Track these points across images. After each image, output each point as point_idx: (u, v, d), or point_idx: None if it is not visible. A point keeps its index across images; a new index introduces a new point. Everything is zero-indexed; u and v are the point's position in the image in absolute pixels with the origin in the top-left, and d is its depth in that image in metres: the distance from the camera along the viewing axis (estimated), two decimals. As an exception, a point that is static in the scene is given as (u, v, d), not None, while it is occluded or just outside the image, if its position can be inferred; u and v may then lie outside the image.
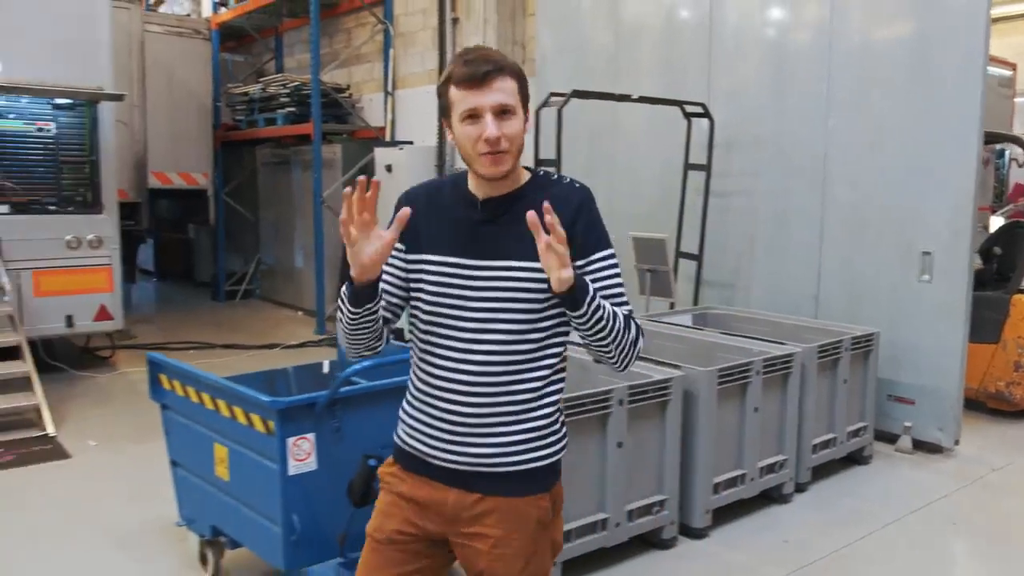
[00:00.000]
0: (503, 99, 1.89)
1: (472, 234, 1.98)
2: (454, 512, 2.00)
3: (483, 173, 1.94)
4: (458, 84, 1.90)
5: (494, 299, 1.95)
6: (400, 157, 8.93)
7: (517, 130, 1.93)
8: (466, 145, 1.92)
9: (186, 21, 11.45)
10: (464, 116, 1.91)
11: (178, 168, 10.92)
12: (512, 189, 2.00)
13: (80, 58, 7.16)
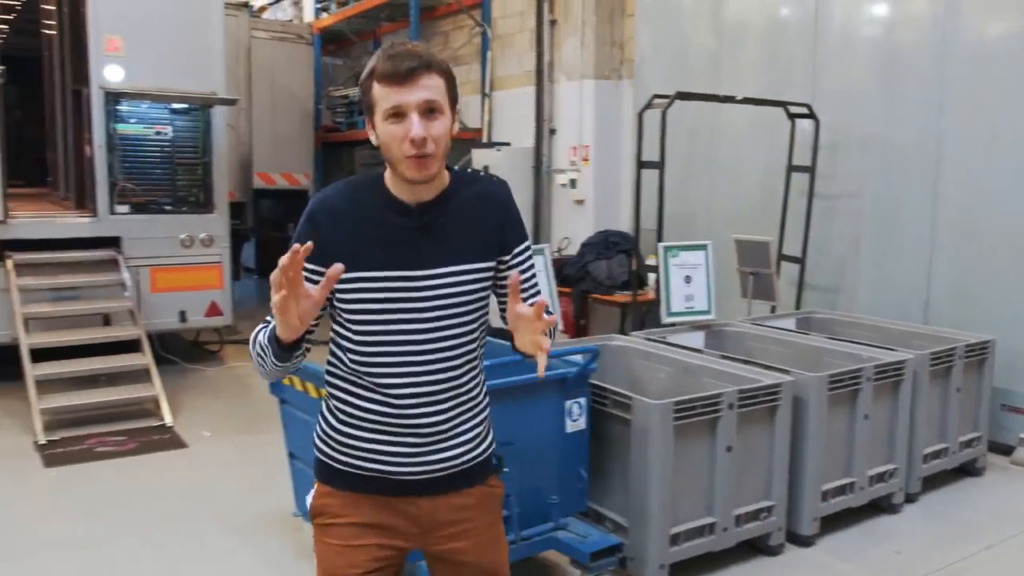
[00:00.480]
0: (429, 96, 1.79)
1: (411, 243, 1.90)
2: (431, 519, 1.99)
3: (409, 177, 1.84)
4: (381, 80, 1.79)
5: (446, 305, 1.91)
6: (497, 158, 9.03)
7: (444, 130, 1.83)
8: (391, 146, 1.82)
9: (289, 26, 11.82)
10: (388, 114, 1.80)
11: (281, 169, 11.28)
12: (441, 191, 1.93)
13: (195, 65, 7.45)
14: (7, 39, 14.66)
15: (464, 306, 1.93)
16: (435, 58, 1.83)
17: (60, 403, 6.03)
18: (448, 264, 1.91)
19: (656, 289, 6.14)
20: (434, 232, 1.91)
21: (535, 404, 3.47)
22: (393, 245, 1.89)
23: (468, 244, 1.91)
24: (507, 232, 1.98)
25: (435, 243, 1.91)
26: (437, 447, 1.95)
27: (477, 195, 1.96)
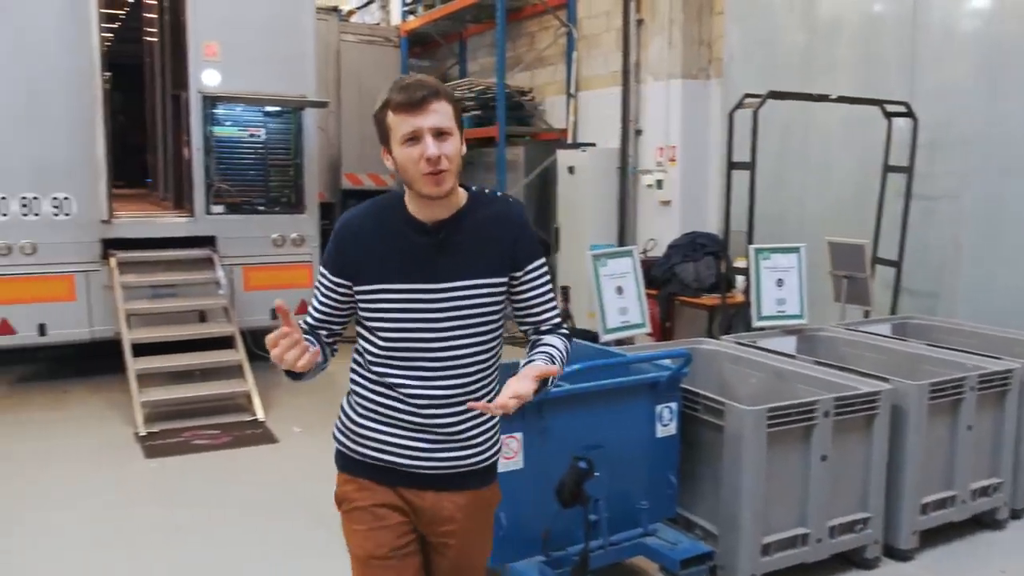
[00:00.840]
0: (439, 121, 1.98)
1: (428, 259, 2.07)
2: (432, 512, 2.16)
3: (427, 193, 2.01)
4: (396, 110, 1.98)
5: (461, 316, 2.07)
6: (582, 159, 9.00)
7: (455, 150, 2.00)
8: (408, 167, 1.99)
9: (377, 30, 11.99)
10: (405, 139, 1.98)
11: (367, 170, 11.46)
12: (456, 210, 2.10)
13: (288, 69, 7.63)
14: (112, 47, 15.28)
15: (477, 318, 2.09)
16: (442, 87, 2.03)
17: (159, 396, 6.26)
18: (462, 278, 2.07)
19: (745, 292, 6.03)
20: (450, 248, 2.08)
21: (625, 408, 3.44)
22: (411, 260, 2.07)
23: (482, 260, 2.07)
24: (519, 250, 2.13)
25: (450, 258, 2.07)
26: (448, 447, 2.12)
27: (493, 215, 2.12)
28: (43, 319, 6.95)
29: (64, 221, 6.97)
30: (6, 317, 6.87)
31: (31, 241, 6.87)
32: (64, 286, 7.01)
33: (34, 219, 6.90)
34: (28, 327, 6.92)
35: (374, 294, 2.08)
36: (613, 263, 4.83)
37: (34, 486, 5.08)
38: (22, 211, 6.87)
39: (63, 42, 6.81)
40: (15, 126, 6.80)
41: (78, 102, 6.79)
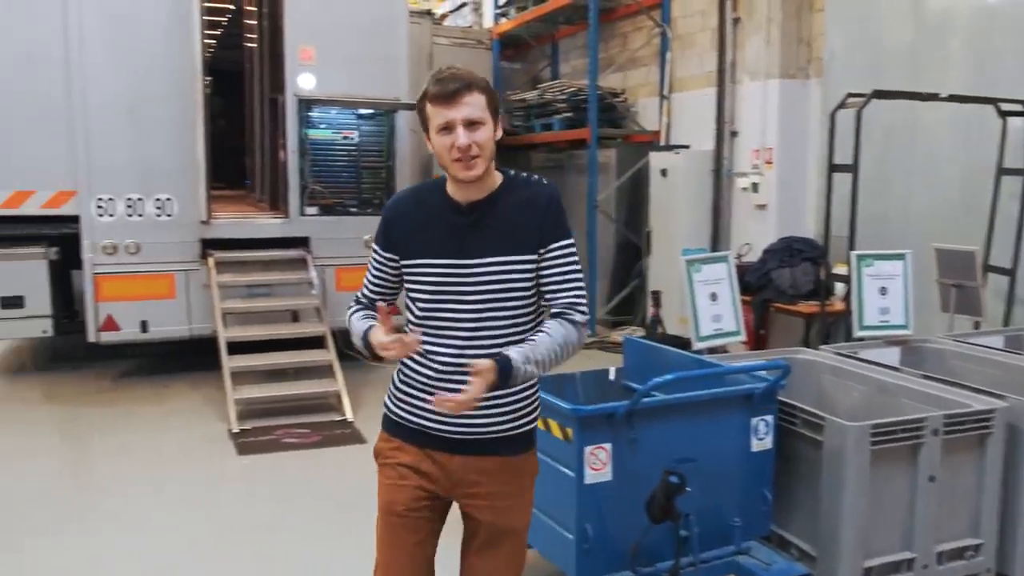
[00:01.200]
0: (471, 112, 2.16)
1: (462, 237, 2.26)
2: (459, 475, 2.32)
3: (459, 176, 2.21)
4: (432, 101, 2.19)
5: (489, 291, 2.24)
6: (676, 161, 8.82)
7: (486, 138, 2.19)
8: (442, 153, 2.21)
9: (469, 32, 12.04)
10: (439, 128, 2.19)
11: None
12: (489, 192, 2.27)
13: (381, 72, 7.71)
14: (214, 53, 15.78)
15: (506, 292, 2.25)
16: (476, 78, 2.21)
17: (252, 394, 6.39)
18: (492, 255, 2.24)
19: (845, 300, 5.78)
20: (482, 228, 2.25)
21: (719, 420, 3.32)
22: (446, 238, 2.26)
23: (511, 239, 2.24)
24: (545, 231, 2.26)
25: (482, 237, 2.25)
26: (473, 415, 2.24)
27: (524, 197, 2.28)
28: (145, 316, 7.19)
29: (166, 222, 7.19)
30: (111, 314, 7.12)
31: (135, 241, 7.12)
32: (165, 284, 7.23)
33: (138, 220, 7.14)
34: (131, 324, 7.16)
35: (415, 268, 2.29)
36: (708, 269, 4.70)
37: (129, 478, 5.25)
38: (127, 212, 7.12)
39: (167, 48, 7.03)
40: (122, 129, 7.05)
41: (180, 106, 7.01)
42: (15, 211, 7.03)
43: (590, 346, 9.10)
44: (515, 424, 2.34)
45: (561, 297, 2.28)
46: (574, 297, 2.29)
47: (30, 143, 6.94)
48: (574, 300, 2.28)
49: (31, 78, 6.89)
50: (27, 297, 7.19)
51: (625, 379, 4.23)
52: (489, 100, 2.21)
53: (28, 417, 6.51)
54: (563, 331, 2.24)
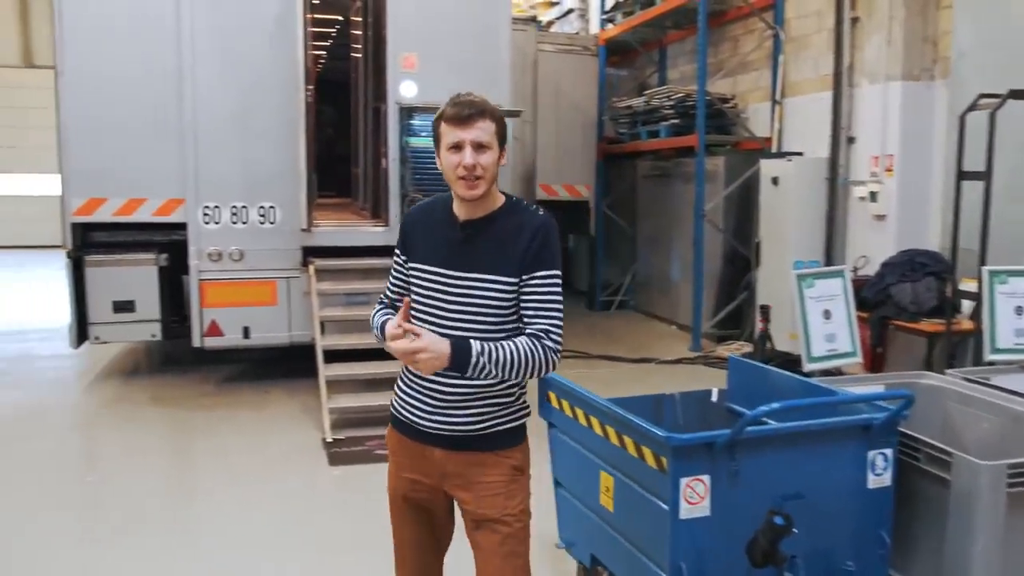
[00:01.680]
0: (480, 136, 2.35)
1: (453, 250, 2.46)
2: (441, 467, 2.54)
3: (461, 194, 2.40)
4: (447, 121, 2.39)
5: (469, 304, 2.42)
6: (788, 169, 8.42)
7: (490, 162, 2.38)
8: (448, 170, 2.39)
9: (575, 39, 11.87)
10: (449, 147, 2.37)
11: (562, 180, 11.34)
12: (487, 212, 2.46)
13: (483, 78, 7.59)
14: (324, 64, 16.10)
15: (484, 308, 2.42)
16: (489, 106, 2.40)
17: (346, 404, 6.36)
18: (477, 271, 2.42)
19: (974, 319, 5.33)
20: (473, 244, 2.44)
21: (832, 453, 3.01)
22: (441, 248, 2.48)
23: (497, 259, 2.40)
24: (528, 258, 2.41)
25: (471, 253, 2.43)
26: (448, 412, 2.49)
27: (518, 222, 2.44)
28: (247, 322, 7.29)
29: (269, 229, 7.28)
30: (215, 319, 7.24)
31: (239, 248, 7.22)
32: (267, 291, 7.31)
33: (242, 227, 7.24)
34: (234, 330, 7.27)
35: (414, 270, 2.55)
36: (821, 284, 4.39)
37: (222, 484, 5.28)
38: (232, 219, 7.23)
39: (273, 58, 7.11)
40: (229, 139, 7.17)
41: (285, 115, 7.06)
42: (128, 218, 7.24)
43: (693, 361, 8.77)
44: (490, 423, 2.54)
45: (536, 323, 2.43)
46: (549, 325, 2.43)
47: (143, 153, 7.13)
48: (548, 327, 2.42)
49: (147, 90, 7.09)
50: (138, 302, 7.39)
51: (729, 401, 3.96)
52: (498, 128, 2.42)
53: (136, 417, 6.67)
54: (529, 346, 2.39)
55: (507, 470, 2.58)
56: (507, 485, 2.57)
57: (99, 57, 7.02)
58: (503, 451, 2.57)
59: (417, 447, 2.58)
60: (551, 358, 2.43)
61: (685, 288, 10.28)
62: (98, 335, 7.38)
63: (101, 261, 7.30)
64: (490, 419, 2.54)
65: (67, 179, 7.13)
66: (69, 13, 7.01)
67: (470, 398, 2.49)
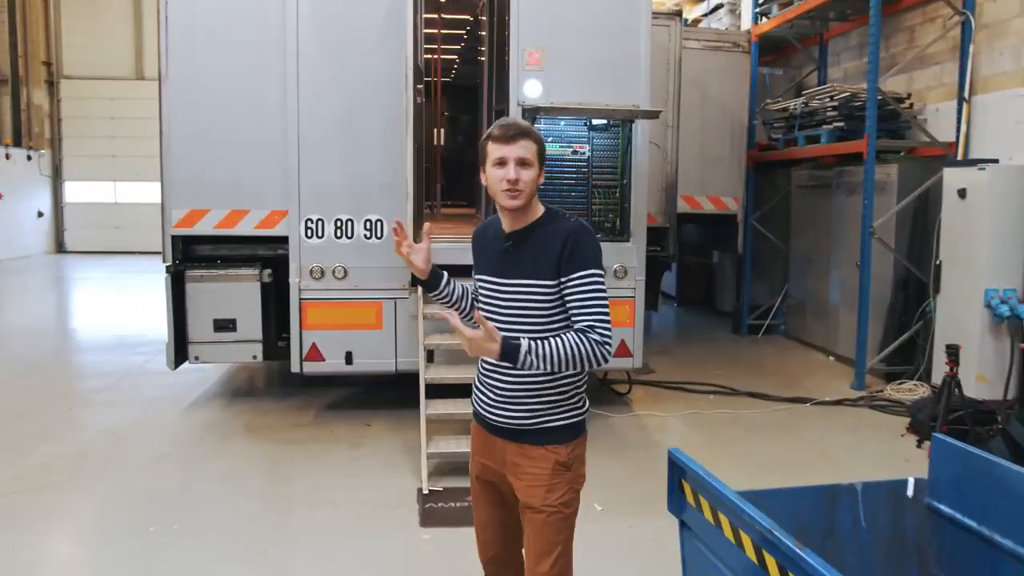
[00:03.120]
0: (523, 153, 2.67)
1: (500, 259, 2.80)
2: (501, 456, 2.85)
3: (503, 204, 2.72)
4: (493, 140, 2.69)
5: (515, 307, 2.73)
6: (979, 179, 7.08)
7: (531, 178, 2.69)
8: (494, 183, 2.71)
9: (725, 35, 10.73)
10: (495, 162, 2.69)
11: (707, 191, 10.24)
12: (527, 223, 2.76)
13: (618, 76, 6.70)
14: (458, 68, 15.55)
15: (529, 310, 2.72)
16: (532, 129, 2.75)
17: (449, 447, 5.56)
18: (520, 277, 2.73)
19: None
20: (517, 253, 2.76)
21: None
22: (492, 259, 2.84)
23: (535, 265, 2.70)
24: (564, 260, 2.66)
25: (515, 261, 2.75)
26: (504, 406, 2.80)
27: (555, 230, 2.71)
28: (350, 347, 6.65)
29: (375, 245, 6.61)
30: (316, 343, 6.64)
31: (342, 265, 6.59)
32: (371, 313, 6.65)
33: (346, 242, 6.61)
34: (336, 354, 6.64)
35: (477, 282, 2.89)
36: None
37: (299, 541, 4.56)
38: (336, 233, 6.61)
39: (382, 57, 6.46)
40: (334, 145, 6.57)
41: (394, 120, 6.36)
42: (230, 231, 6.74)
43: (856, 402, 7.53)
44: (540, 419, 2.77)
45: (581, 320, 2.63)
46: (593, 320, 2.62)
47: (246, 162, 6.64)
48: (593, 322, 2.61)
49: (250, 96, 6.59)
50: (239, 320, 6.88)
51: (932, 498, 2.90)
52: (539, 149, 2.71)
53: (222, 451, 6.10)
54: (575, 340, 2.57)
55: (551, 464, 2.76)
56: (550, 479, 2.76)
57: (203, 63, 6.57)
58: (551, 446, 2.77)
59: (486, 435, 2.89)
60: (597, 351, 2.59)
61: (847, 314, 9.01)
62: (198, 355, 6.91)
63: (202, 276, 6.83)
64: (541, 415, 2.77)
65: (168, 189, 6.69)
66: (174, 19, 6.57)
67: (524, 394, 2.76)
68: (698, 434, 6.63)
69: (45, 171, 23.88)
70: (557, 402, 2.77)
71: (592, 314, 2.61)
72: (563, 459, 2.76)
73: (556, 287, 2.66)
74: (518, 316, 2.70)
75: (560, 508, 2.75)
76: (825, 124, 8.96)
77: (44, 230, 23.84)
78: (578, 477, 2.83)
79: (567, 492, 2.78)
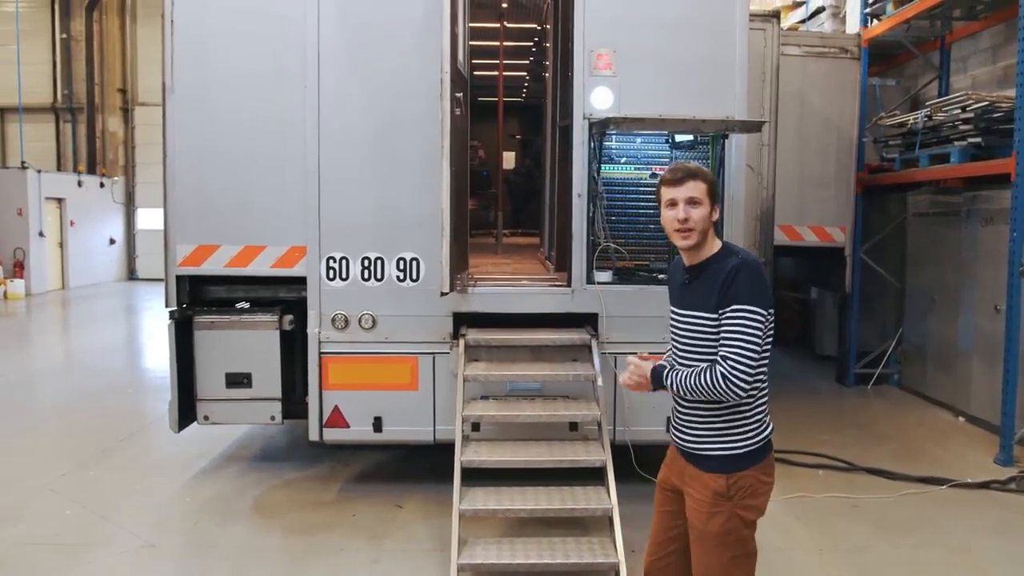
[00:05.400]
0: (692, 193, 2.89)
1: (681, 292, 3.02)
2: (680, 474, 3.05)
3: (677, 244, 2.97)
4: (664, 184, 2.98)
5: (689, 337, 2.93)
6: None
7: (701, 216, 2.90)
8: (667, 224, 2.96)
9: (830, 39, 9.33)
10: (666, 204, 2.95)
11: (808, 220, 8.85)
12: (703, 259, 2.94)
13: (708, 83, 5.49)
14: (528, 87, 14.47)
15: (698, 341, 2.90)
16: (701, 171, 2.96)
17: (488, 557, 4.31)
18: (693, 309, 2.92)
19: None
20: (694, 286, 2.95)
21: None
22: (677, 290, 3.07)
23: (705, 298, 2.86)
24: (722, 295, 2.81)
25: (691, 294, 2.94)
26: (680, 429, 3.03)
27: (723, 266, 2.86)
28: (379, 411, 5.57)
29: (409, 289, 5.50)
30: (338, 405, 5.54)
31: (371, 313, 5.49)
32: (405, 371, 5.53)
33: (375, 285, 5.52)
34: (362, 420, 5.56)
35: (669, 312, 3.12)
36: None
37: None
38: (363, 275, 5.51)
39: (420, 65, 5.35)
40: (363, 169, 5.51)
41: (431, 141, 5.20)
42: (243, 271, 5.70)
43: (1006, 485, 6.04)
44: (704, 446, 2.95)
45: (720, 351, 2.81)
46: (728, 352, 2.78)
47: (263, 187, 5.62)
48: (727, 354, 2.78)
49: (267, 112, 5.57)
50: (255, 375, 5.82)
51: None
52: (710, 188, 2.93)
53: (219, 540, 5.00)
54: (703, 373, 2.80)
55: (710, 493, 2.90)
56: (709, 507, 2.91)
57: (214, 74, 5.60)
58: (711, 474, 2.92)
59: (675, 450, 3.12)
60: (720, 384, 2.76)
61: (983, 367, 7.51)
62: (207, 414, 5.88)
63: (213, 323, 5.80)
64: (704, 441, 2.95)
65: (173, 221, 5.69)
66: (181, 22, 5.61)
67: (692, 418, 2.97)
68: (807, 530, 5.23)
69: (118, 198, 23.73)
70: (721, 430, 2.92)
71: (730, 346, 2.78)
72: (721, 489, 2.89)
73: (717, 319, 2.82)
74: (691, 345, 2.92)
75: (720, 539, 2.89)
76: (959, 140, 7.50)
77: (116, 257, 23.66)
78: (747, 508, 2.91)
79: (728, 520, 2.89)
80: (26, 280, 19.15)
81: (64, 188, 21.19)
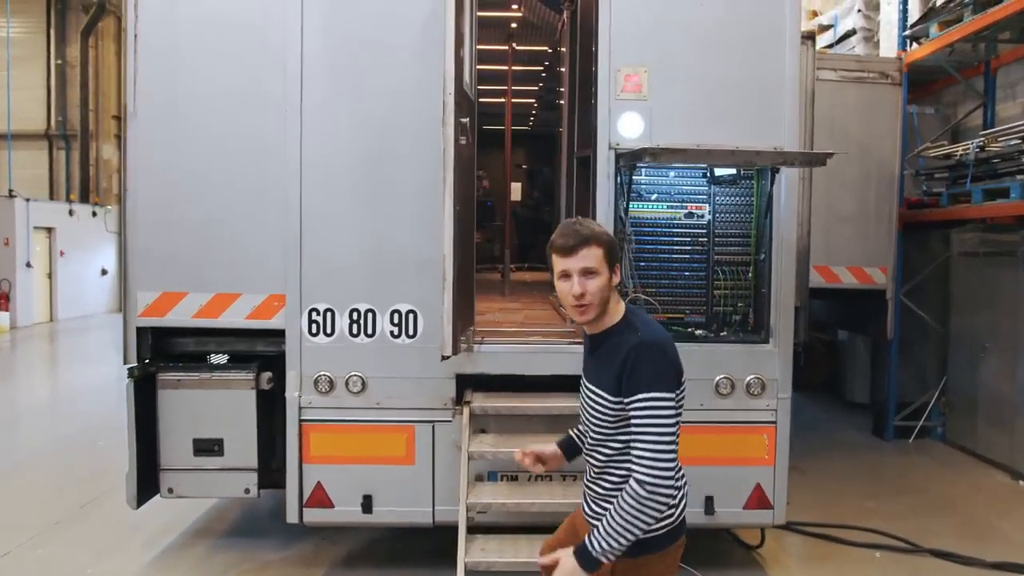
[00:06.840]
0: (587, 263, 2.58)
1: (586, 360, 2.79)
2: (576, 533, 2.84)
3: (574, 319, 2.79)
4: (555, 251, 2.65)
5: (592, 413, 2.66)
6: None
7: (598, 287, 2.59)
8: (562, 297, 2.67)
9: (868, 62, 8.59)
10: (559, 275, 2.63)
11: (847, 261, 8.07)
12: (605, 328, 2.68)
13: (754, 108, 4.75)
14: (536, 114, 13.81)
15: (599, 418, 2.63)
16: (596, 233, 2.62)
17: None
18: (596, 385, 2.66)
19: None
20: (596, 358, 2.69)
21: None
22: (586, 360, 2.80)
23: (607, 375, 2.60)
24: (623, 381, 2.54)
25: (594, 366, 2.70)
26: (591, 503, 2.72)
27: (620, 342, 2.59)
28: (369, 488, 4.78)
29: (405, 347, 4.73)
30: (321, 481, 4.74)
31: (360, 374, 4.70)
32: (399, 443, 4.76)
33: (365, 342, 4.75)
34: (349, 499, 4.77)
35: None
36: None
37: None
38: (351, 329, 4.74)
39: (420, 81, 4.61)
40: (351, 204, 4.75)
41: (431, 174, 4.44)
42: (214, 322, 4.93)
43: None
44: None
45: (632, 452, 2.51)
46: (638, 454, 2.47)
47: (236, 225, 4.87)
48: (640, 454, 2.47)
49: (243, 132, 4.84)
50: (227, 441, 5.04)
51: None
52: (606, 253, 2.61)
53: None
54: (626, 497, 2.45)
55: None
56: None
57: (181, 95, 4.86)
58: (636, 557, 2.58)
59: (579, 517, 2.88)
60: (646, 505, 2.43)
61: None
62: (172, 487, 5.10)
63: (179, 381, 5.03)
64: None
65: (133, 265, 4.93)
66: (146, 36, 4.89)
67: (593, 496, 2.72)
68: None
69: (111, 227, 23.04)
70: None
71: (640, 445, 2.48)
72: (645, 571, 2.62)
73: (618, 404, 2.56)
74: (594, 422, 2.66)
75: None
76: (1019, 174, 6.76)
77: (108, 288, 22.93)
78: None
79: None
80: (11, 312, 18.43)
81: (54, 217, 20.55)
